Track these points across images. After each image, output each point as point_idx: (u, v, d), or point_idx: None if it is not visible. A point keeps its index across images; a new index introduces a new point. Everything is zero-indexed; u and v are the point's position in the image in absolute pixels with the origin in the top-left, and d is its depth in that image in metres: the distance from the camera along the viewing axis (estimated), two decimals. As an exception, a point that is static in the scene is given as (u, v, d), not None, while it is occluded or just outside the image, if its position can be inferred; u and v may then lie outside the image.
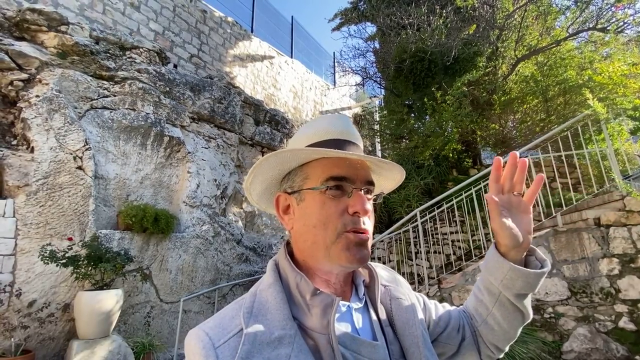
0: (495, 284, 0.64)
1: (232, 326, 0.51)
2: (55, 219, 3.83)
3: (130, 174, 4.83)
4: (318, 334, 0.52)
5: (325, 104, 12.58)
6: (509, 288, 0.62)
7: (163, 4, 7.19)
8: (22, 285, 3.50)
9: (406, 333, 0.59)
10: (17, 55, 4.16)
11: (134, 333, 4.20)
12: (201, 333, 0.50)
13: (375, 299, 0.62)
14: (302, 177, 0.59)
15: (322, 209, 0.55)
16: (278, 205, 0.63)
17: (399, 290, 0.67)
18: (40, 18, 4.49)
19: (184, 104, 5.79)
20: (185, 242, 5.02)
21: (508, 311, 0.65)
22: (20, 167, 3.74)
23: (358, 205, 0.55)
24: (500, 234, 0.61)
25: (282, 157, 0.59)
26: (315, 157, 0.58)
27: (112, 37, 5.21)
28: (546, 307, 3.31)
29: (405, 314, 0.62)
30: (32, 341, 3.46)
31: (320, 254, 0.56)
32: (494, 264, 0.64)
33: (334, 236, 0.54)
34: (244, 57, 9.11)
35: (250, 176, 0.63)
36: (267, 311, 0.52)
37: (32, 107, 4.00)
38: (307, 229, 0.57)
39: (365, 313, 0.60)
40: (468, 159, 6.45)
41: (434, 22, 4.60)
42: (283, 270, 0.58)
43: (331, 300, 0.53)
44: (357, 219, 0.55)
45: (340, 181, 0.56)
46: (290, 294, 0.56)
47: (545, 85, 4.98)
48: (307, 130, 0.63)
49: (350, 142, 0.60)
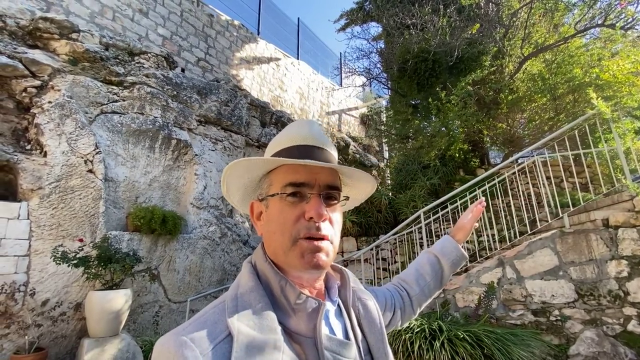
0: (444, 262, 0.95)
1: (217, 332, 0.48)
2: (67, 220, 3.95)
3: (139, 177, 4.95)
4: (304, 337, 0.52)
5: (332, 105, 12.59)
6: (454, 265, 0.96)
7: (171, 9, 7.33)
8: (36, 285, 3.63)
9: (372, 331, 0.63)
10: (31, 62, 4.30)
11: (143, 332, 4.30)
12: (182, 340, 0.45)
13: (347, 301, 0.64)
14: (268, 184, 0.60)
15: (281, 215, 0.56)
16: (252, 212, 0.64)
17: (363, 291, 0.70)
18: (52, 26, 4.65)
19: (191, 108, 5.90)
20: (193, 243, 5.12)
21: (438, 281, 0.94)
22: (34, 171, 3.87)
23: (312, 211, 0.54)
24: (467, 231, 1.00)
25: (240, 166, 0.60)
26: (275, 165, 0.60)
27: (121, 43, 5.34)
28: (552, 309, 3.26)
29: (370, 313, 0.66)
30: (45, 339, 3.58)
31: (281, 260, 0.57)
32: (451, 249, 0.97)
33: (290, 243, 0.55)
34: (250, 60, 9.20)
35: (224, 186, 0.65)
36: (253, 316, 0.51)
37: (45, 113, 4.14)
38: (269, 235, 0.58)
39: (339, 315, 0.62)
40: (475, 158, 6.37)
41: (437, 22, 4.57)
42: (262, 273, 0.58)
43: (318, 304, 0.54)
44: (312, 225, 0.55)
45: (298, 187, 0.56)
46: (274, 298, 0.55)
47: (553, 83, 4.88)
48: (278, 136, 0.64)
49: (315, 147, 0.61)
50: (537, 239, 3.50)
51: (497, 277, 3.53)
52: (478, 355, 2.48)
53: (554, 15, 4.87)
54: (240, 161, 0.59)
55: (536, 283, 3.37)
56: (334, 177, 0.61)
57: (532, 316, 3.31)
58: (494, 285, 3.47)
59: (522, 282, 3.42)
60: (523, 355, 2.50)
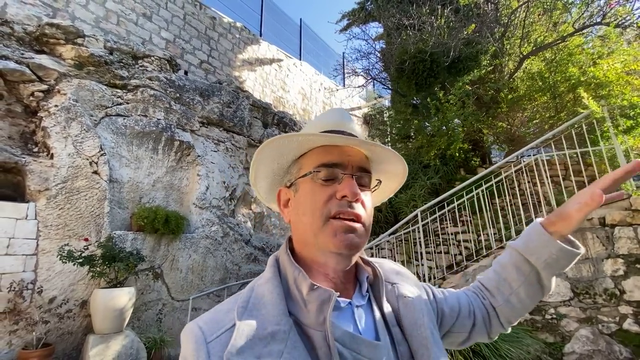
0: (535, 262, 0.64)
1: (226, 321, 0.50)
2: (73, 220, 4.07)
3: (143, 178, 5.06)
4: (314, 330, 0.50)
5: (334, 105, 12.64)
6: (550, 267, 0.64)
7: (174, 12, 7.45)
8: (43, 282, 3.75)
9: (414, 334, 0.56)
10: (38, 67, 4.44)
11: (147, 329, 4.41)
12: (194, 327, 0.50)
13: (380, 297, 0.59)
14: (297, 168, 0.60)
15: (312, 195, 0.55)
16: (279, 200, 0.63)
17: (406, 287, 0.63)
18: (58, 32, 4.78)
19: (193, 109, 6.00)
20: (195, 243, 5.22)
21: (533, 288, 0.66)
22: (41, 173, 4.00)
23: (347, 189, 0.53)
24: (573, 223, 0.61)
25: (274, 145, 0.58)
26: (309, 148, 0.58)
27: (125, 47, 5.46)
28: (548, 308, 3.28)
29: (413, 313, 0.58)
30: (52, 335, 3.71)
31: (310, 242, 0.55)
32: (539, 243, 0.64)
33: (321, 222, 0.53)
34: (252, 61, 9.30)
35: (252, 172, 0.64)
36: (262, 306, 0.51)
37: (52, 116, 4.27)
38: (299, 217, 0.57)
39: (369, 311, 0.57)
40: (476, 157, 6.37)
41: (434, 22, 4.60)
42: (282, 265, 0.57)
43: (328, 295, 0.51)
44: (344, 203, 0.53)
45: (330, 167, 0.55)
46: (288, 289, 0.54)
47: (553, 82, 4.88)
48: (310, 123, 0.65)
49: (344, 132, 0.60)
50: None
51: (494, 276, 3.55)
52: (466, 350, 2.52)
53: (553, 14, 4.86)
54: (274, 139, 0.57)
55: (532, 281, 3.39)
56: (364, 161, 0.60)
57: (527, 314, 3.33)
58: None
59: (518, 280, 3.44)
60: (512, 351, 2.53)
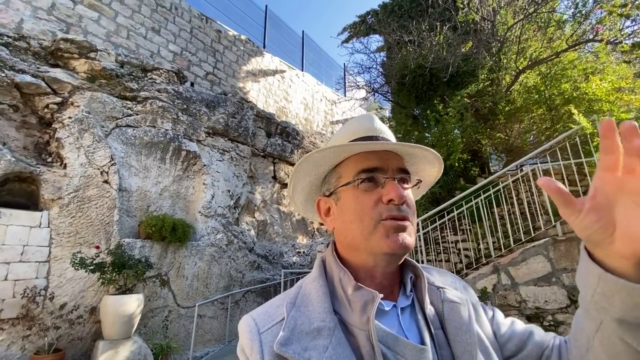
0: (588, 302, 0.43)
1: (277, 314, 0.54)
2: (84, 228, 4.20)
3: (151, 187, 5.20)
4: (358, 329, 0.51)
5: (336, 114, 12.86)
6: (605, 309, 0.41)
7: (181, 26, 7.70)
8: (54, 289, 3.86)
9: (458, 339, 0.54)
10: (52, 81, 4.62)
11: (153, 335, 4.49)
12: (249, 319, 0.54)
13: (422, 297, 0.58)
14: (336, 177, 0.60)
15: (357, 202, 0.56)
16: (320, 209, 0.64)
17: (454, 293, 0.61)
18: (72, 46, 4.98)
19: (200, 120, 6.18)
20: (201, 250, 5.33)
21: (616, 348, 0.42)
22: (54, 182, 4.14)
23: (392, 193, 0.54)
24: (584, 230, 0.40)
25: (312, 159, 0.60)
26: (345, 156, 0.60)
27: (135, 60, 5.67)
28: (546, 315, 3.37)
29: (459, 318, 0.56)
30: (63, 341, 3.80)
31: (361, 247, 0.55)
32: (582, 270, 0.44)
33: (371, 226, 0.54)
34: (256, 73, 9.53)
35: (290, 185, 0.66)
36: (309, 303, 0.54)
37: (65, 128, 4.43)
38: (345, 225, 0.57)
39: (413, 314, 0.57)
40: (475, 167, 6.52)
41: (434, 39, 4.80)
42: (329, 266, 0.60)
43: (372, 296, 0.52)
44: (392, 207, 0.54)
45: (371, 172, 0.56)
46: (334, 289, 0.57)
47: (549, 95, 5.05)
48: (341, 131, 0.65)
49: (377, 137, 0.61)
50: (530, 246, 3.64)
51: (493, 283, 3.66)
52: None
53: (547, 31, 5.07)
54: (312, 153, 0.59)
55: (530, 289, 3.49)
56: (402, 162, 0.61)
57: (526, 321, 3.43)
58: (487, 290, 3.60)
59: (516, 288, 3.55)
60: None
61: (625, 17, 3.75)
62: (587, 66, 4.59)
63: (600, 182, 0.39)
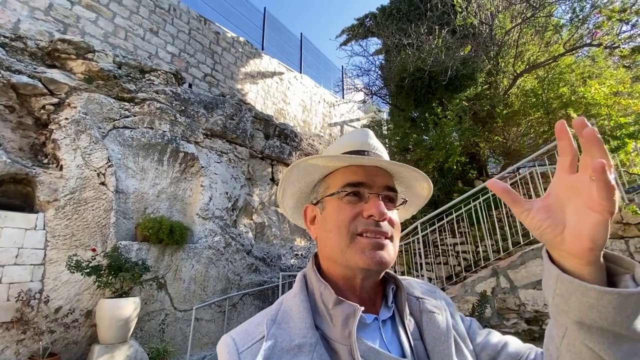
0: (550, 304, 0.43)
1: (257, 333, 0.53)
2: (80, 231, 4.15)
3: (148, 188, 5.16)
4: (340, 344, 0.51)
5: (334, 116, 12.87)
6: (564, 312, 0.40)
7: (179, 28, 7.68)
8: (49, 292, 3.80)
9: (436, 349, 0.55)
10: (49, 81, 4.58)
11: (150, 339, 4.44)
12: (228, 339, 0.54)
13: (402, 309, 0.59)
14: (325, 187, 0.62)
15: (338, 213, 0.57)
16: (306, 217, 0.65)
17: (432, 303, 0.62)
18: (69, 47, 4.94)
19: (198, 122, 6.15)
20: (198, 253, 5.29)
21: (582, 355, 0.40)
22: (50, 184, 4.10)
23: (373, 209, 0.54)
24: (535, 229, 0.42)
25: (302, 166, 0.61)
26: (335, 167, 0.61)
27: (133, 61, 5.64)
28: (545, 318, 3.37)
29: (436, 328, 0.57)
30: (58, 345, 3.74)
31: (338, 259, 0.56)
32: (545, 272, 0.44)
33: (348, 239, 0.54)
34: (254, 74, 9.52)
35: (280, 189, 0.67)
36: (290, 319, 0.53)
37: (62, 129, 4.39)
38: (326, 234, 0.58)
39: (394, 326, 0.58)
40: (473, 170, 6.54)
41: (432, 42, 4.82)
42: (310, 281, 0.59)
43: (353, 310, 0.52)
44: (370, 222, 0.55)
45: (356, 187, 0.57)
46: (315, 304, 0.56)
47: (546, 99, 5.09)
48: (335, 144, 0.67)
49: (369, 152, 0.62)
50: (529, 249, 3.64)
51: (492, 287, 3.66)
52: None
53: (545, 35, 5.11)
54: (303, 161, 0.60)
55: (529, 292, 3.49)
56: (391, 180, 0.62)
57: (525, 324, 3.42)
58: (486, 294, 3.59)
59: (515, 291, 3.55)
60: None
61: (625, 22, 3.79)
62: (584, 70, 4.62)
63: (555, 183, 0.41)
